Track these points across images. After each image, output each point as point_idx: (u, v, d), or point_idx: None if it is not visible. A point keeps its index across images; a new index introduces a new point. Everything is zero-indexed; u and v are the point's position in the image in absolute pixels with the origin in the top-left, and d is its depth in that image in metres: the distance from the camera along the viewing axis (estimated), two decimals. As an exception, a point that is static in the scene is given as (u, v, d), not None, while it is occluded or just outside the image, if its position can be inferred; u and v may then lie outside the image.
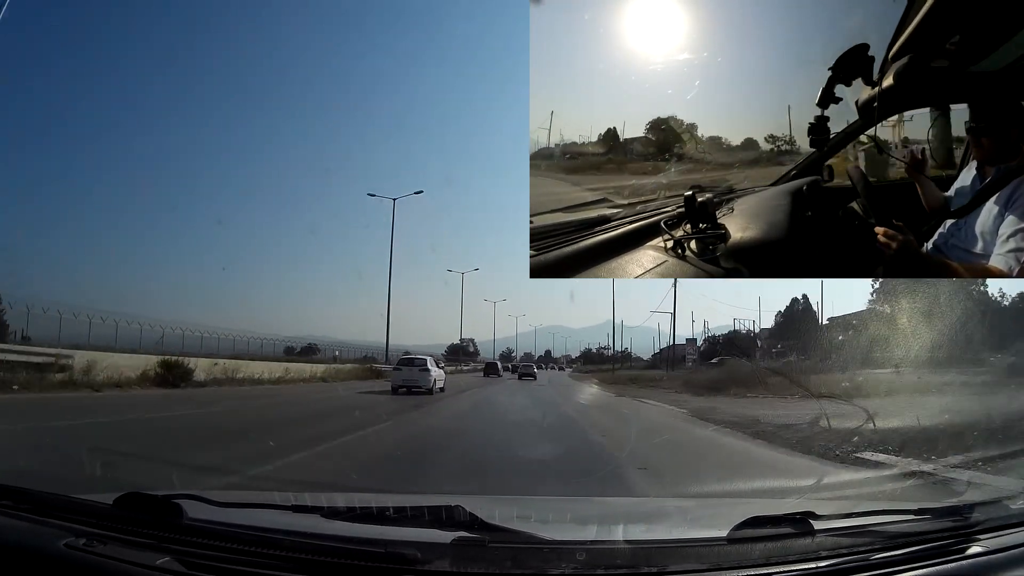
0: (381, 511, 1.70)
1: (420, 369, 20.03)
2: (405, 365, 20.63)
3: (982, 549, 1.46)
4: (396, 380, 19.98)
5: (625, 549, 1.42)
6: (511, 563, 1.33)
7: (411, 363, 20.77)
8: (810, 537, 1.43)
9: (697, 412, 13.64)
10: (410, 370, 20.08)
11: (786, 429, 9.16)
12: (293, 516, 1.73)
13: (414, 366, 20.40)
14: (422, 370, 19.95)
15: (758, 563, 1.35)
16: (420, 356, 22.69)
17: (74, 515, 1.51)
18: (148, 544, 1.38)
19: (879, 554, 1.41)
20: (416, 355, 23.38)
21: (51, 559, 1.34)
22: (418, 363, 20.61)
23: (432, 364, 20.81)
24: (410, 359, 21.62)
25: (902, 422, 7.86)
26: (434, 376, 20.09)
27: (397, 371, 20.61)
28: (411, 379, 19.65)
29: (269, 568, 1.31)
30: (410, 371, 20.01)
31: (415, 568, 1.28)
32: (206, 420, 10.95)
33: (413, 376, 19.79)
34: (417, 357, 22.06)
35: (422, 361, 20.93)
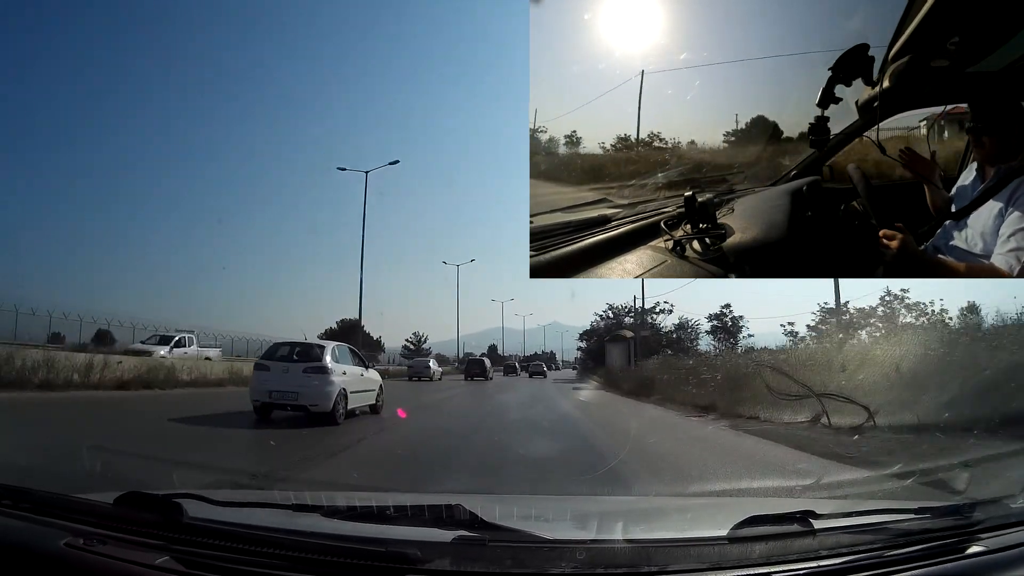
0: (381, 510, 1.70)
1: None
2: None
3: (983, 548, 1.46)
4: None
5: (625, 548, 1.42)
6: (511, 562, 1.33)
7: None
8: (810, 536, 1.43)
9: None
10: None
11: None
12: (293, 515, 1.73)
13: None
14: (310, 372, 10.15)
15: (758, 562, 1.35)
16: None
17: (74, 514, 1.51)
18: (148, 543, 1.38)
19: (880, 553, 1.41)
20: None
21: (51, 558, 1.34)
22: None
23: (331, 358, 10.47)
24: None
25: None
26: (332, 383, 10.09)
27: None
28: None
29: (269, 567, 1.31)
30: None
31: (416, 567, 1.28)
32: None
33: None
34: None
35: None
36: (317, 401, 9.95)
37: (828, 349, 15.93)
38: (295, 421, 9.84)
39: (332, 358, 10.56)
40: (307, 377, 10.09)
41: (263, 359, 11.05)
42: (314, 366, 10.26)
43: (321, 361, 10.34)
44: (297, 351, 10.94)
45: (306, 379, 10.06)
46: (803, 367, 12.70)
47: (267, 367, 10.49)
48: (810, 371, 12.08)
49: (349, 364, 11.19)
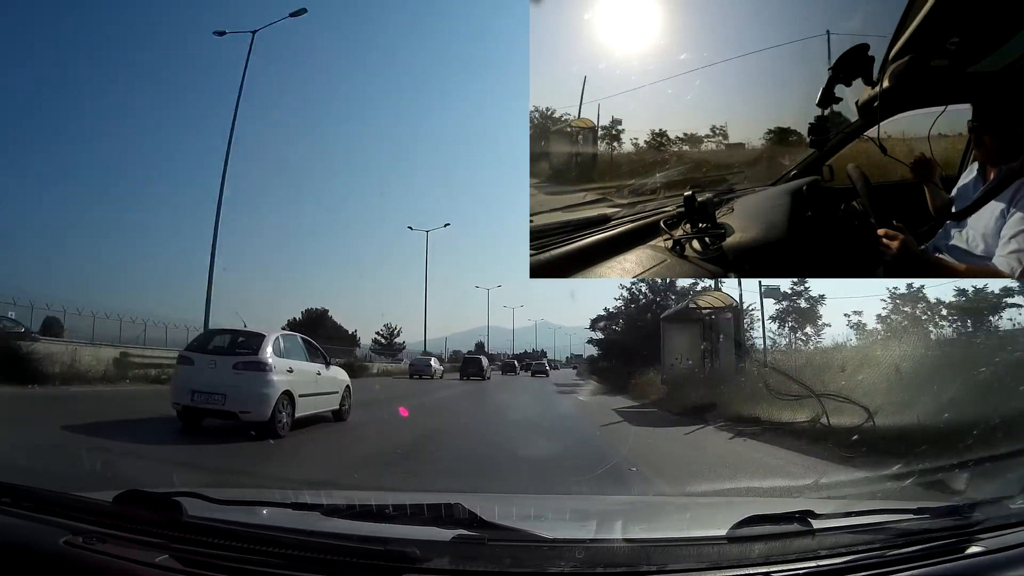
0: (381, 509, 1.70)
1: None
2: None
3: (982, 548, 1.46)
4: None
5: (624, 547, 1.42)
6: (511, 561, 1.33)
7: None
8: (810, 536, 1.43)
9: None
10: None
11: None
12: (293, 514, 1.73)
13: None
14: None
15: (757, 562, 1.35)
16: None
17: (73, 512, 1.50)
18: (148, 542, 1.38)
19: (879, 553, 1.41)
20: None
21: (50, 557, 1.33)
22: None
23: (272, 351, 8.27)
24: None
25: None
26: (271, 382, 7.96)
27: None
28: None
29: (269, 566, 1.31)
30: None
31: (415, 566, 1.28)
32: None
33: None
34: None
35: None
36: (249, 406, 7.66)
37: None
38: (227, 433, 7.65)
39: (274, 351, 8.20)
40: (238, 375, 7.77)
41: (188, 350, 8.73)
42: (248, 360, 7.90)
43: (257, 354, 7.97)
44: (230, 341, 8.54)
45: (236, 377, 7.75)
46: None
47: (191, 360, 8.21)
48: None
49: (300, 359, 8.86)
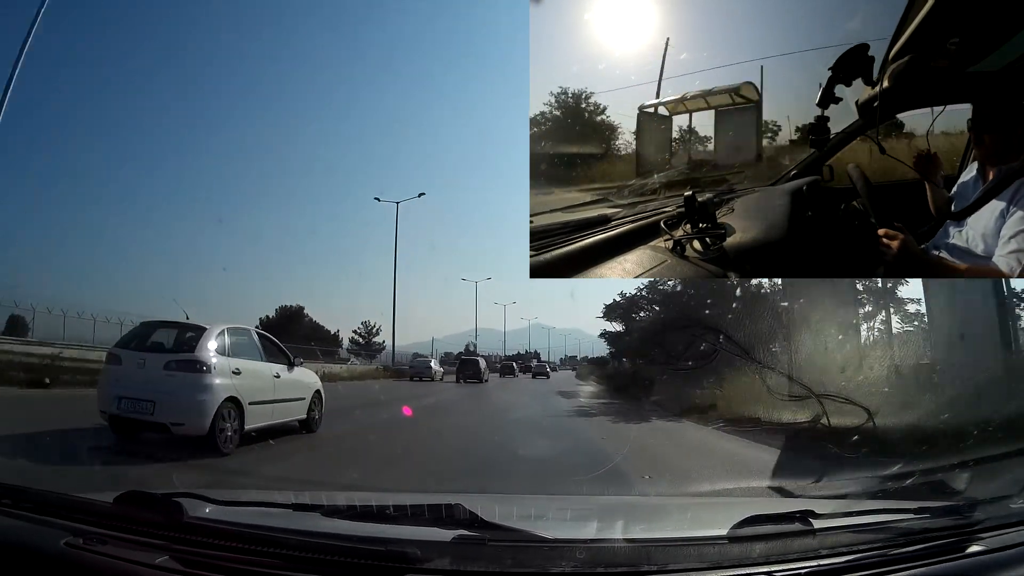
0: (381, 509, 1.70)
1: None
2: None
3: (983, 548, 1.46)
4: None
5: (625, 547, 1.42)
6: (511, 561, 1.33)
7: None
8: (810, 535, 1.43)
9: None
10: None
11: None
12: (293, 515, 1.73)
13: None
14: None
15: (758, 561, 1.35)
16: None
17: (74, 514, 1.51)
18: (148, 543, 1.38)
19: (880, 552, 1.41)
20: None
21: (51, 558, 1.33)
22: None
23: (214, 348, 6.98)
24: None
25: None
26: (210, 386, 6.65)
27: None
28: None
29: (269, 567, 1.31)
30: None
31: (415, 566, 1.28)
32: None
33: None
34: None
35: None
36: (182, 415, 6.34)
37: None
38: (163, 446, 6.44)
39: (217, 348, 6.83)
40: (169, 377, 6.46)
41: (118, 346, 7.21)
42: (181, 359, 6.59)
43: (194, 352, 6.61)
44: (164, 336, 7.19)
45: (168, 380, 6.43)
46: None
47: (119, 359, 6.84)
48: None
49: (253, 358, 7.46)
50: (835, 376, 8.23)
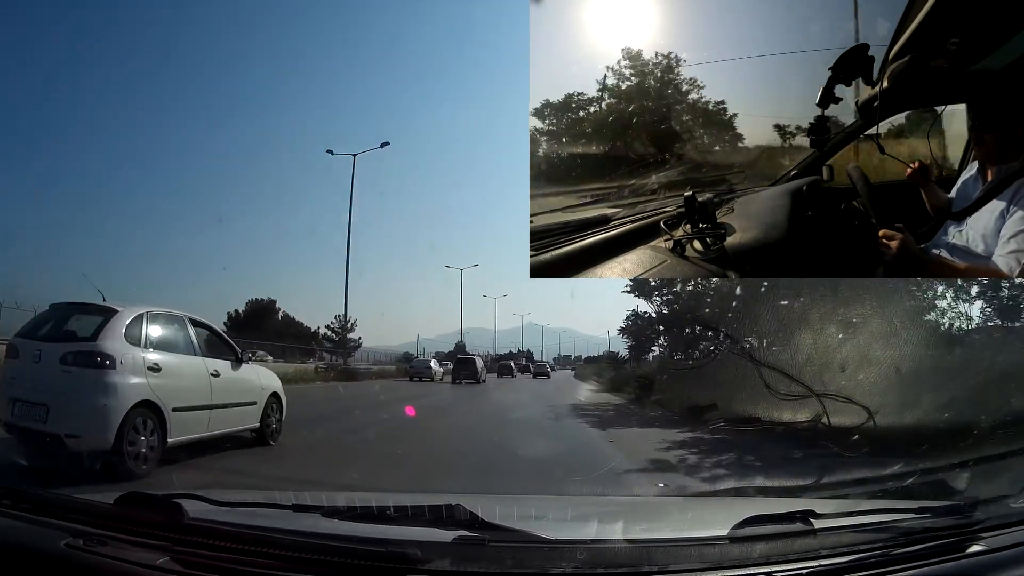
0: (381, 510, 1.70)
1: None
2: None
3: (984, 547, 1.46)
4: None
5: (626, 548, 1.42)
6: (512, 562, 1.33)
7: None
8: (811, 536, 1.43)
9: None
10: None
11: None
12: (293, 515, 1.72)
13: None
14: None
15: (759, 562, 1.35)
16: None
17: (74, 514, 1.51)
18: (149, 544, 1.38)
19: (881, 552, 1.41)
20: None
21: (51, 559, 1.34)
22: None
23: (124, 337, 5.47)
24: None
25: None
26: (115, 387, 5.15)
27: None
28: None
29: (270, 568, 1.31)
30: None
31: (416, 567, 1.28)
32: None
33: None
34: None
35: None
36: (79, 426, 4.97)
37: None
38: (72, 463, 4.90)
39: (129, 336, 5.43)
40: (65, 373, 5.11)
41: (19, 335, 5.76)
42: (79, 351, 5.21)
43: (95, 340, 5.24)
44: (68, 321, 5.75)
45: (64, 377, 5.10)
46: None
47: (16, 350, 5.50)
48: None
49: (181, 352, 6.04)
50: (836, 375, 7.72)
